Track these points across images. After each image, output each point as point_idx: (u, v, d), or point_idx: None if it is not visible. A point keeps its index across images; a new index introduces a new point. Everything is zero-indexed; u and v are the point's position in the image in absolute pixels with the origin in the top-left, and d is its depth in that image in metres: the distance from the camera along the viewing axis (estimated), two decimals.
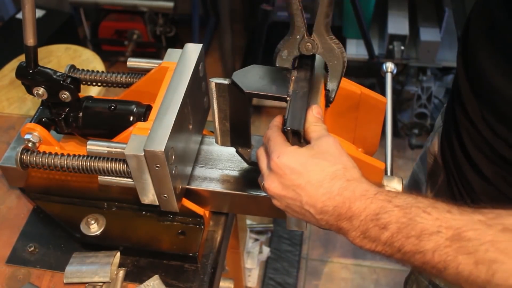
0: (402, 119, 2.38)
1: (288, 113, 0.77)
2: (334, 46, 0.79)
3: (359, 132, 0.93)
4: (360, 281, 2.02)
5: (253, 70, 0.83)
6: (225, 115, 0.91)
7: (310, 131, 0.73)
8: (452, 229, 0.58)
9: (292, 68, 0.83)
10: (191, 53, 0.94)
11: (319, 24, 0.76)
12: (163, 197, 0.87)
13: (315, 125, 0.74)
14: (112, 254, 0.94)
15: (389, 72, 1.03)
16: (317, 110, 0.76)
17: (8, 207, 1.04)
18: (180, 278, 0.93)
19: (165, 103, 0.85)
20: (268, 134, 0.75)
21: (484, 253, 0.56)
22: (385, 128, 0.94)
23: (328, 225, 0.67)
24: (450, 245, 0.57)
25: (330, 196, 0.65)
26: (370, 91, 0.89)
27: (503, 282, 0.55)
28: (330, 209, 0.65)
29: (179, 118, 0.84)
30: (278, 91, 0.80)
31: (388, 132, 0.94)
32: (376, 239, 0.62)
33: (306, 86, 0.80)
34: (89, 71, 1.01)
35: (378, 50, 2.29)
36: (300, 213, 0.69)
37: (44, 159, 0.90)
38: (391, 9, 2.28)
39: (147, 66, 0.97)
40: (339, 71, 0.81)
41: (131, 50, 2.69)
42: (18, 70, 0.89)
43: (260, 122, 2.54)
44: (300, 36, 0.78)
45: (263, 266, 2.04)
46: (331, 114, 0.88)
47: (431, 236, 0.58)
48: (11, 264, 0.96)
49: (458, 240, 0.57)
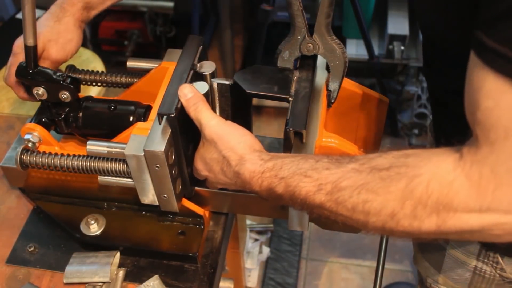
0: (402, 119, 2.38)
1: (290, 114, 0.77)
2: (335, 46, 0.78)
3: (361, 132, 0.93)
4: (360, 281, 2.02)
5: (255, 70, 0.83)
6: (226, 115, 0.91)
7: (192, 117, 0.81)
8: (330, 183, 0.64)
9: (294, 69, 0.83)
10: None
11: (320, 24, 0.76)
12: (163, 197, 0.86)
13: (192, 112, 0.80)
14: (112, 254, 0.93)
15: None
16: (188, 89, 0.81)
17: (8, 207, 1.04)
18: (180, 278, 0.93)
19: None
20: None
21: (357, 197, 0.62)
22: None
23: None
24: (330, 198, 0.64)
25: (231, 183, 0.78)
26: (372, 91, 0.89)
27: (377, 217, 0.61)
28: (237, 187, 0.79)
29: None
30: (280, 91, 0.80)
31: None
32: (278, 201, 0.72)
33: (308, 87, 0.80)
34: (89, 71, 1.01)
35: (378, 50, 2.29)
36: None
37: (44, 159, 0.90)
38: (391, 9, 2.28)
39: (147, 66, 0.97)
40: (340, 71, 0.81)
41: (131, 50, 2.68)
42: (18, 70, 0.89)
43: (260, 122, 2.54)
44: (301, 37, 0.78)
45: (263, 266, 2.03)
46: (333, 114, 0.88)
47: (314, 195, 0.65)
48: (11, 264, 0.95)
49: (336, 191, 0.64)
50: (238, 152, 0.75)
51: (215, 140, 0.77)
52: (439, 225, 0.58)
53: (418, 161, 0.60)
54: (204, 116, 0.78)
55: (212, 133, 0.77)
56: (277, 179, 0.69)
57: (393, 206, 0.60)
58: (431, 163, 0.59)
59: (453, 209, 0.57)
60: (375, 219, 0.62)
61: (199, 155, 0.82)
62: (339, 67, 0.81)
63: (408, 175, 0.59)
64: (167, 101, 0.80)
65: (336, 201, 0.64)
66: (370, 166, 0.63)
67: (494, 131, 0.54)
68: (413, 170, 0.59)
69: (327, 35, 0.78)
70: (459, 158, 0.58)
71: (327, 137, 0.80)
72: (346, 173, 0.64)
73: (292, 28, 0.78)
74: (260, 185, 0.71)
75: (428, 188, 0.58)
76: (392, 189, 0.60)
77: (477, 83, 0.55)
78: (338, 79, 0.82)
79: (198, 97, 0.80)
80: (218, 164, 0.78)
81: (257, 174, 0.71)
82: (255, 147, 0.76)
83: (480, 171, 0.55)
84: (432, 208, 0.58)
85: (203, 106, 0.79)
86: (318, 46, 0.78)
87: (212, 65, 0.87)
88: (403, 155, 0.62)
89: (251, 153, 0.74)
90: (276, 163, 0.70)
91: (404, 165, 0.60)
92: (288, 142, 0.78)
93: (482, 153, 0.55)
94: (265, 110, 2.59)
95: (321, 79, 0.84)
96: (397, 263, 2.02)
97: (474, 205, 0.56)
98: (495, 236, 0.59)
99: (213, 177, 0.82)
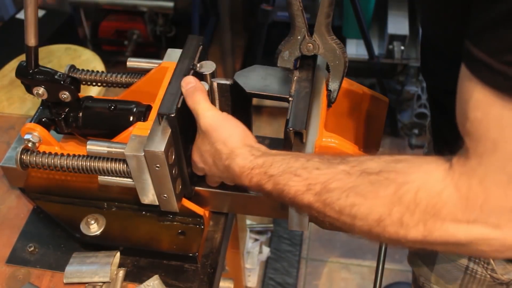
0: (402, 119, 2.38)
1: (291, 114, 0.77)
2: (335, 46, 0.78)
3: (361, 132, 0.93)
4: (360, 281, 2.02)
5: (255, 70, 0.83)
6: None
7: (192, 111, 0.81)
8: (319, 184, 0.64)
9: (294, 69, 0.83)
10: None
11: (320, 24, 0.76)
12: (163, 197, 0.86)
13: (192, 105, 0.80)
14: (112, 254, 0.93)
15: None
16: (190, 80, 0.82)
17: (8, 207, 1.04)
18: (180, 278, 0.93)
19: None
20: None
21: (345, 199, 0.61)
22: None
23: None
24: (319, 199, 0.64)
25: (223, 176, 0.80)
26: (372, 91, 0.89)
27: (364, 222, 0.61)
28: (229, 180, 0.80)
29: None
30: (280, 91, 0.81)
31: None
32: (268, 197, 0.71)
33: (308, 87, 0.80)
34: (89, 71, 1.01)
35: (378, 50, 2.29)
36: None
37: (44, 159, 0.90)
38: (391, 9, 2.28)
39: (147, 66, 0.97)
40: (340, 71, 0.81)
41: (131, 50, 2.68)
42: (18, 69, 0.89)
43: (260, 122, 2.54)
44: (301, 37, 0.78)
45: (263, 266, 2.03)
46: (333, 114, 0.88)
47: (303, 195, 0.65)
48: (11, 264, 0.95)
49: (325, 192, 0.63)
50: (229, 146, 0.75)
51: (210, 131, 0.77)
52: (425, 235, 0.58)
53: (408, 167, 0.59)
54: (201, 107, 0.78)
55: (206, 124, 0.77)
56: (266, 177, 0.69)
57: (380, 212, 0.59)
58: (421, 171, 0.58)
59: (440, 219, 0.56)
60: (362, 223, 0.61)
61: (196, 147, 0.83)
62: (339, 67, 0.81)
63: (397, 181, 0.58)
64: (167, 101, 0.80)
65: (324, 202, 0.63)
66: (361, 169, 0.62)
67: (483, 143, 0.53)
68: (403, 177, 0.59)
69: (327, 35, 0.78)
70: (449, 168, 0.57)
71: (327, 137, 0.80)
72: (336, 174, 0.63)
73: (292, 28, 0.78)
74: (249, 180, 0.71)
75: (417, 197, 0.57)
76: (380, 194, 0.59)
77: (466, 93, 0.54)
78: (338, 79, 0.82)
79: (198, 87, 0.80)
80: (211, 156, 0.78)
81: (246, 169, 0.71)
82: (247, 140, 0.76)
83: (468, 183, 0.55)
84: (419, 217, 0.57)
85: (202, 97, 0.79)
86: (318, 46, 0.78)
87: (212, 65, 0.87)
88: (394, 160, 0.61)
89: (242, 147, 0.74)
90: (266, 160, 0.70)
91: (394, 170, 0.60)
92: (288, 142, 0.78)
93: (471, 164, 0.55)
94: (265, 110, 2.59)
95: (321, 79, 0.84)
96: (397, 263, 2.02)
97: (462, 217, 0.55)
98: (481, 252, 0.58)
99: (208, 170, 0.82)
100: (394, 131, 2.44)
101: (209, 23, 2.89)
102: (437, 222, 0.57)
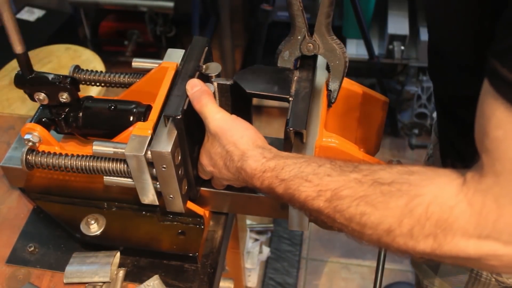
0: (402, 119, 2.38)
1: (291, 114, 0.77)
2: (335, 46, 0.78)
3: (361, 132, 0.93)
4: (360, 281, 2.02)
5: (255, 70, 0.83)
6: None
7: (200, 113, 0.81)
8: (330, 191, 0.64)
9: (294, 69, 0.83)
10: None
11: (320, 24, 0.76)
12: (169, 197, 0.86)
13: (200, 108, 0.80)
14: (112, 254, 0.93)
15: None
16: (195, 83, 0.81)
17: (8, 207, 1.04)
18: (180, 278, 0.93)
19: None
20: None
21: (356, 208, 0.61)
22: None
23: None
24: (329, 205, 0.64)
25: (235, 178, 0.78)
26: (372, 91, 0.89)
27: (373, 231, 0.61)
28: (240, 183, 0.80)
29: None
30: (280, 91, 0.80)
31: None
32: (278, 200, 0.72)
33: (308, 87, 0.80)
34: (89, 71, 1.01)
35: (378, 50, 2.29)
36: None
37: (49, 160, 0.90)
38: (391, 9, 2.28)
39: (152, 66, 0.96)
40: (340, 71, 0.81)
41: (131, 50, 2.68)
42: (16, 79, 0.89)
43: (260, 122, 2.54)
44: (301, 37, 0.78)
45: (263, 266, 2.03)
46: (333, 114, 0.88)
47: (313, 200, 0.65)
48: (11, 264, 0.95)
49: (335, 199, 0.63)
50: (240, 148, 0.75)
51: (219, 134, 0.77)
52: (435, 249, 0.58)
53: (421, 180, 0.59)
54: (209, 110, 0.78)
55: (216, 127, 0.77)
56: (277, 180, 0.69)
57: (390, 223, 0.59)
58: (434, 185, 0.58)
59: (451, 234, 0.56)
60: (371, 232, 0.61)
61: (204, 150, 0.82)
62: (339, 67, 0.81)
63: (410, 193, 0.58)
64: (173, 103, 0.80)
65: (334, 208, 0.63)
66: (373, 178, 0.62)
67: (501, 162, 0.53)
68: (415, 189, 0.58)
69: (327, 35, 0.78)
70: (462, 183, 0.56)
71: (327, 137, 0.80)
72: (348, 182, 0.63)
73: (292, 28, 0.78)
74: (261, 183, 0.71)
75: (428, 210, 0.57)
76: (391, 205, 0.59)
77: (488, 111, 0.54)
78: (338, 79, 0.82)
79: (204, 91, 0.80)
80: (222, 158, 0.78)
81: (258, 172, 0.71)
82: (258, 142, 0.76)
83: (483, 200, 0.54)
84: (429, 231, 0.57)
85: (209, 100, 0.79)
86: (318, 46, 0.78)
87: (218, 67, 0.87)
88: (407, 172, 0.61)
89: (254, 149, 0.74)
90: (278, 163, 0.70)
91: (406, 182, 0.59)
92: (288, 142, 0.78)
93: (486, 182, 0.54)
94: (265, 110, 2.59)
95: (321, 79, 0.84)
96: (397, 263, 2.02)
97: (473, 233, 0.55)
98: (491, 266, 0.58)
99: (217, 173, 0.81)
100: (394, 131, 2.44)
101: (209, 23, 2.90)
102: (448, 236, 0.56)
